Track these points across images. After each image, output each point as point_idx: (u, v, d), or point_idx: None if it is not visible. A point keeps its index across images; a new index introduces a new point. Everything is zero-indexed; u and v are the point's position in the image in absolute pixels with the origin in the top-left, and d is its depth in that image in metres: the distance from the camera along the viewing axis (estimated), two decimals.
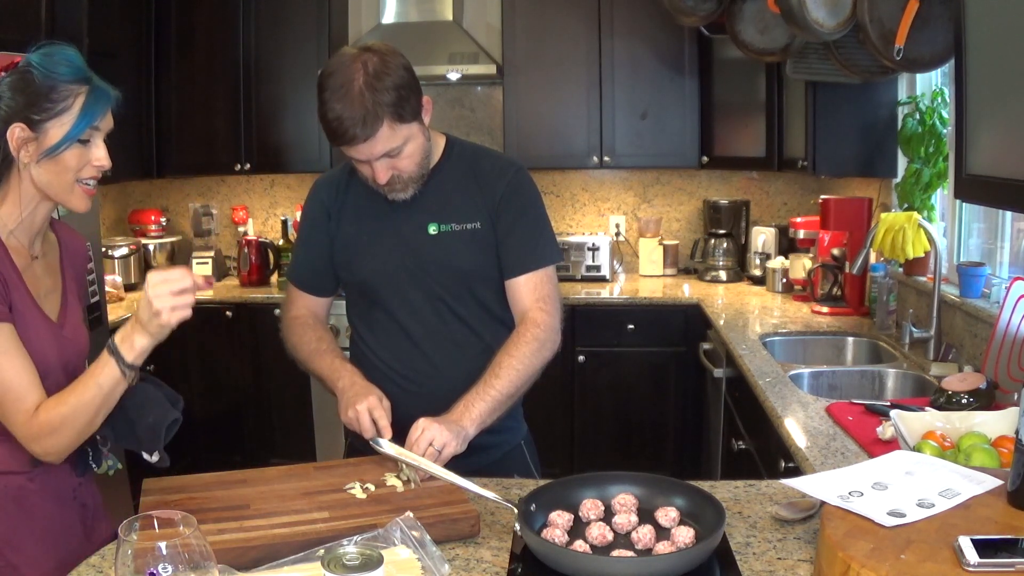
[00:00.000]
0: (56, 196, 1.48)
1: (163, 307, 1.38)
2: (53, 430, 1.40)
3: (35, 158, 1.44)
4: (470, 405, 1.64)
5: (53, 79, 1.43)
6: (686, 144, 4.23)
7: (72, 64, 1.46)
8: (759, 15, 3.19)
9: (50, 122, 1.43)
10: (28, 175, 1.46)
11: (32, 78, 1.43)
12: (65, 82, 1.44)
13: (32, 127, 1.43)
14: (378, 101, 1.59)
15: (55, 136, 1.43)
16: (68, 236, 1.66)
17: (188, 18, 4.25)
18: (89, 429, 1.44)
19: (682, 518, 1.38)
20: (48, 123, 1.43)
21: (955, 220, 2.96)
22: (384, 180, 1.68)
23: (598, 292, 4.13)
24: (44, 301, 1.52)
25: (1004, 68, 1.73)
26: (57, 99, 1.43)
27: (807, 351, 3.13)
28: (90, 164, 1.48)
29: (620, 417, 4.01)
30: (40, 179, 1.46)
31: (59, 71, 1.44)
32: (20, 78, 1.43)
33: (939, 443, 1.56)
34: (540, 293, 1.79)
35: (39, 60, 1.44)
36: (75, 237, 1.69)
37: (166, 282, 1.38)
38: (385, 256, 1.80)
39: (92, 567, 1.32)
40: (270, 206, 4.76)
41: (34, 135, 1.43)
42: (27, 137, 1.43)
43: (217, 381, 4.12)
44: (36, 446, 1.42)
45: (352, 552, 1.07)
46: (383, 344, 1.84)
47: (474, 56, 4.10)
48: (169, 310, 1.38)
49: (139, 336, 1.41)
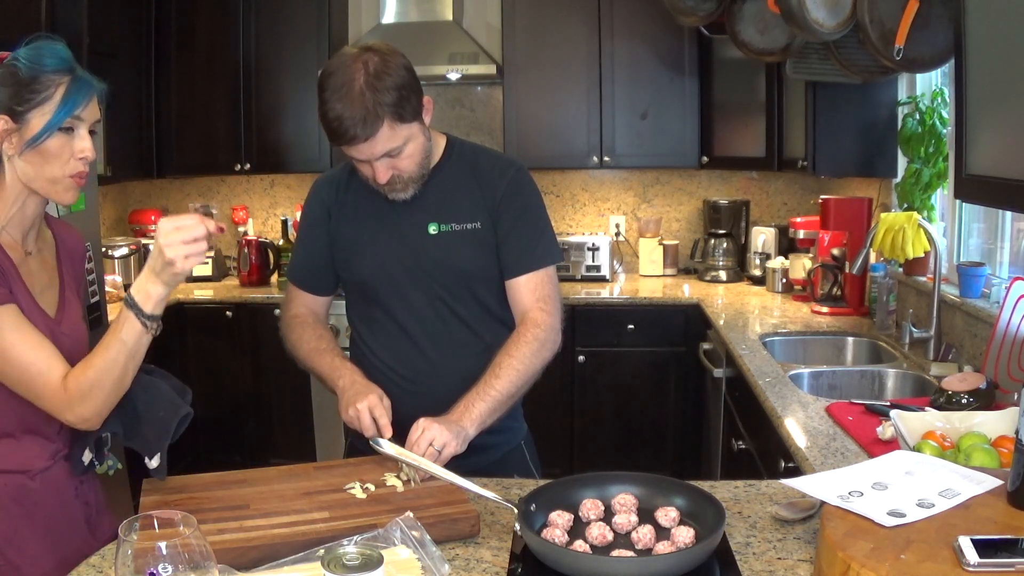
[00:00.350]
0: (41, 189, 1.47)
1: (176, 256, 1.36)
2: (83, 396, 1.40)
3: (18, 150, 1.43)
4: (470, 405, 1.64)
5: (36, 70, 1.43)
6: (686, 144, 4.23)
7: (57, 56, 1.45)
8: (759, 15, 3.19)
9: (32, 112, 1.42)
10: (13, 168, 1.45)
11: (17, 70, 1.43)
12: (48, 72, 1.43)
13: (15, 118, 1.42)
14: (379, 101, 1.59)
15: (36, 126, 1.42)
16: (65, 233, 1.66)
17: (188, 18, 4.25)
18: (120, 389, 1.44)
19: (682, 518, 1.38)
20: (30, 113, 1.42)
21: (955, 220, 2.96)
22: (384, 180, 1.68)
23: (598, 292, 4.13)
24: (41, 297, 1.52)
25: (1004, 68, 1.73)
26: (39, 89, 1.42)
27: (807, 351, 3.13)
28: (74, 156, 1.46)
29: (620, 417, 4.01)
30: (24, 172, 1.45)
31: (44, 62, 1.43)
32: (5, 71, 1.43)
33: (939, 443, 1.56)
34: (540, 293, 1.79)
35: (25, 53, 1.44)
36: (72, 234, 1.68)
37: (178, 230, 1.36)
38: (385, 256, 1.80)
39: (92, 567, 1.32)
40: (270, 206, 4.76)
41: (16, 126, 1.42)
42: (10, 129, 1.42)
43: (217, 381, 4.11)
44: (69, 414, 1.42)
45: (352, 552, 1.07)
46: (383, 344, 1.84)
47: (474, 56, 4.10)
48: (183, 258, 1.37)
49: (153, 285, 1.40)
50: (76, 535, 1.53)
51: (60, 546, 1.50)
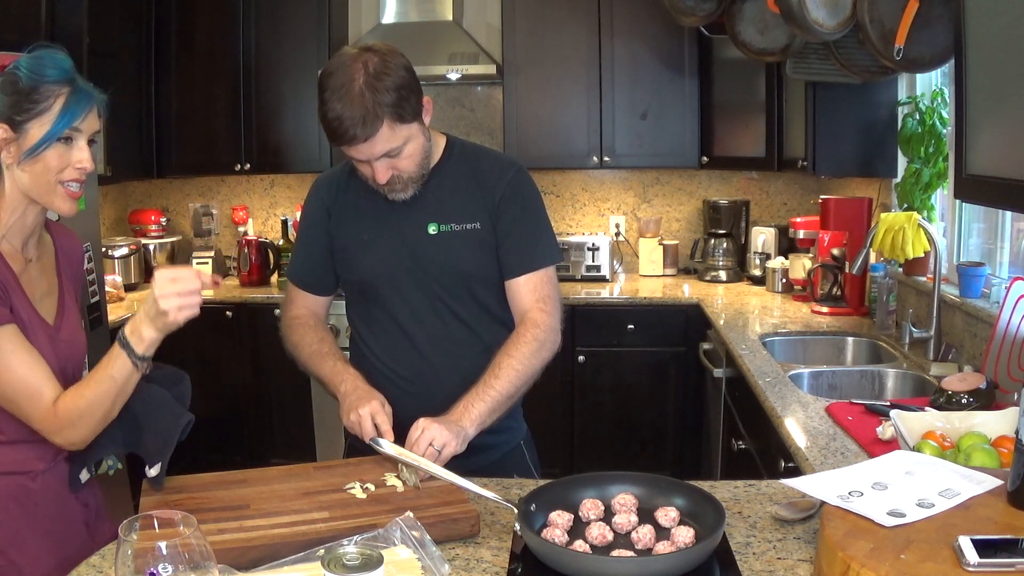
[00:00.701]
0: (39, 198, 1.48)
1: (170, 307, 1.39)
2: (72, 423, 1.43)
3: (17, 159, 1.44)
4: (470, 405, 1.64)
5: (36, 80, 1.43)
6: (686, 144, 4.23)
7: (58, 66, 1.46)
8: (759, 15, 3.19)
9: (31, 122, 1.43)
10: (13, 178, 1.46)
11: (17, 79, 1.43)
12: (48, 83, 1.44)
13: (14, 128, 1.43)
14: (378, 101, 1.59)
15: (35, 136, 1.43)
16: (64, 238, 1.66)
17: (188, 18, 4.25)
18: (108, 418, 1.47)
19: (682, 518, 1.38)
20: (29, 123, 1.43)
21: (955, 220, 2.96)
22: (384, 180, 1.68)
23: (598, 292, 4.13)
24: (40, 304, 1.52)
25: (1004, 68, 1.73)
26: (39, 99, 1.43)
27: (807, 351, 3.13)
28: (71, 166, 1.47)
29: (620, 417, 4.01)
30: (22, 181, 1.46)
31: (45, 73, 1.44)
32: (6, 80, 1.44)
33: (939, 443, 1.56)
34: (540, 293, 1.79)
35: (27, 63, 1.45)
36: (71, 238, 1.68)
37: (174, 282, 1.39)
38: (385, 255, 1.80)
39: (92, 567, 1.32)
40: (270, 206, 4.76)
41: (15, 136, 1.43)
42: (8, 138, 1.43)
43: (217, 381, 4.11)
44: (58, 438, 1.45)
45: (352, 552, 1.07)
46: (382, 344, 1.84)
47: (474, 56, 4.10)
48: (176, 310, 1.40)
49: (147, 329, 1.43)
50: (75, 537, 1.54)
51: (61, 547, 1.50)
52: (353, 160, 1.70)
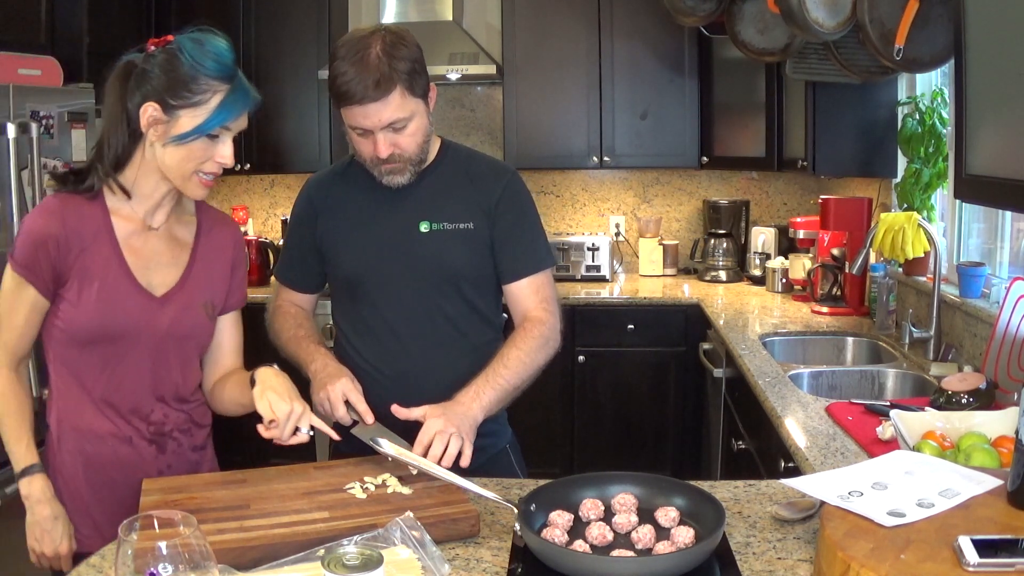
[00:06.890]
0: (174, 180, 1.50)
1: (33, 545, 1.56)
2: None
3: (162, 140, 1.46)
4: (480, 393, 1.63)
5: (197, 70, 1.44)
6: (686, 144, 4.23)
7: (220, 60, 1.47)
8: (759, 15, 3.19)
9: (184, 111, 1.44)
10: (152, 153, 1.48)
11: (179, 63, 1.44)
12: (209, 76, 1.45)
13: (165, 110, 1.44)
14: (394, 67, 1.60)
15: (185, 125, 1.45)
16: (213, 224, 1.68)
17: (188, 18, 4.16)
18: None
19: (682, 518, 1.38)
20: (182, 111, 1.44)
21: (955, 220, 2.95)
22: (385, 155, 1.67)
23: (598, 292, 4.13)
24: (149, 272, 1.55)
25: (1004, 68, 1.73)
26: (196, 91, 1.44)
27: (807, 351, 3.13)
28: (213, 159, 1.49)
29: (620, 417, 4.01)
30: (163, 161, 1.48)
31: (205, 63, 1.45)
32: (168, 60, 1.45)
33: (939, 443, 1.56)
34: (543, 295, 1.80)
35: (191, 47, 1.46)
36: (223, 229, 1.70)
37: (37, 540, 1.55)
38: (375, 251, 1.79)
39: (92, 567, 1.32)
40: (270, 206, 4.76)
41: (166, 118, 1.44)
42: (159, 118, 1.44)
43: None
44: None
45: (352, 552, 1.07)
46: (368, 343, 1.82)
47: (474, 56, 4.10)
48: None
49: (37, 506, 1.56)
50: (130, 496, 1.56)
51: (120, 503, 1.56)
52: (356, 132, 1.68)
